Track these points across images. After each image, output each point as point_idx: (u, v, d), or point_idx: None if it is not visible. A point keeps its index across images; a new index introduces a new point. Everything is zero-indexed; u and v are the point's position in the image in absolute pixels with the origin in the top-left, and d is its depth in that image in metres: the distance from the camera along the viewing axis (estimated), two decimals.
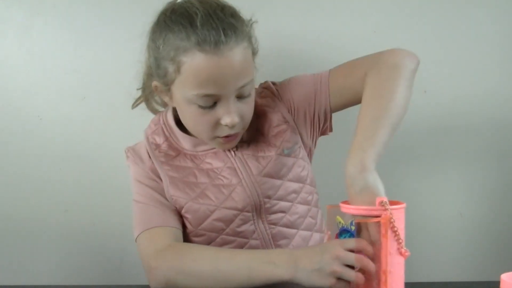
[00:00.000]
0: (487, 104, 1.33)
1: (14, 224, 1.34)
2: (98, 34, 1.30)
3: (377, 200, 0.81)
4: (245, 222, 1.04)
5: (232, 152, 1.05)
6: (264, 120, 1.08)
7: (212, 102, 0.96)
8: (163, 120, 1.09)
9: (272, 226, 1.05)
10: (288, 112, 1.08)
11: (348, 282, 0.83)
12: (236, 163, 1.04)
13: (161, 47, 0.96)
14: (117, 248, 1.35)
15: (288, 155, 1.06)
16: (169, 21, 0.95)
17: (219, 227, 1.03)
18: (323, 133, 1.12)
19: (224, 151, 1.05)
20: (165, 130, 1.07)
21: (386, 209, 0.79)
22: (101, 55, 1.30)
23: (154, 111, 1.15)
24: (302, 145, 1.09)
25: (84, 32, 1.30)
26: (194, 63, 0.92)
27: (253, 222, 1.04)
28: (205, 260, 0.92)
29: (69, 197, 1.34)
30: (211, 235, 1.03)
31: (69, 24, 1.30)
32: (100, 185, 1.33)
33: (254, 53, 1.00)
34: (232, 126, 0.98)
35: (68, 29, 1.30)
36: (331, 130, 1.12)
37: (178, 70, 0.94)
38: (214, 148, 1.05)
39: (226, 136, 1.00)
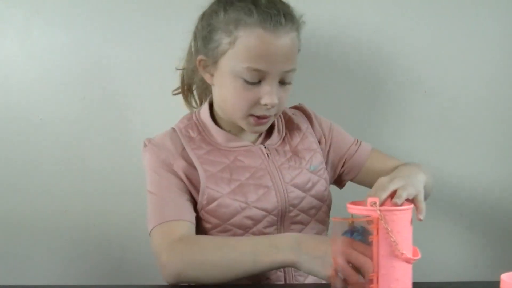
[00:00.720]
0: (487, 104, 1.33)
1: (14, 224, 1.34)
2: (98, 34, 1.30)
3: (368, 201, 0.79)
4: (271, 225, 1.05)
5: (266, 155, 1.08)
6: (296, 132, 1.13)
7: (258, 78, 1.01)
8: (195, 117, 1.12)
9: None
10: (319, 142, 1.15)
11: (344, 281, 0.83)
12: (270, 166, 1.07)
13: (220, 19, 1.01)
14: (117, 248, 1.35)
15: (314, 172, 1.10)
16: None
17: (247, 224, 1.04)
18: (335, 181, 1.20)
19: (257, 152, 1.08)
20: (198, 125, 1.10)
21: (389, 210, 0.79)
22: (101, 55, 1.30)
23: (189, 105, 1.20)
24: (326, 169, 1.14)
25: (84, 32, 1.30)
26: (252, 37, 0.98)
27: (277, 227, 1.06)
28: (211, 249, 0.94)
29: (69, 197, 1.33)
30: (238, 231, 1.04)
31: (69, 24, 1.30)
32: (100, 186, 1.33)
33: (298, 49, 1.06)
34: (271, 107, 1.02)
35: (68, 29, 1.30)
36: (342, 187, 1.21)
37: (233, 42, 1.00)
38: (246, 145, 1.08)
39: (259, 117, 1.04)
